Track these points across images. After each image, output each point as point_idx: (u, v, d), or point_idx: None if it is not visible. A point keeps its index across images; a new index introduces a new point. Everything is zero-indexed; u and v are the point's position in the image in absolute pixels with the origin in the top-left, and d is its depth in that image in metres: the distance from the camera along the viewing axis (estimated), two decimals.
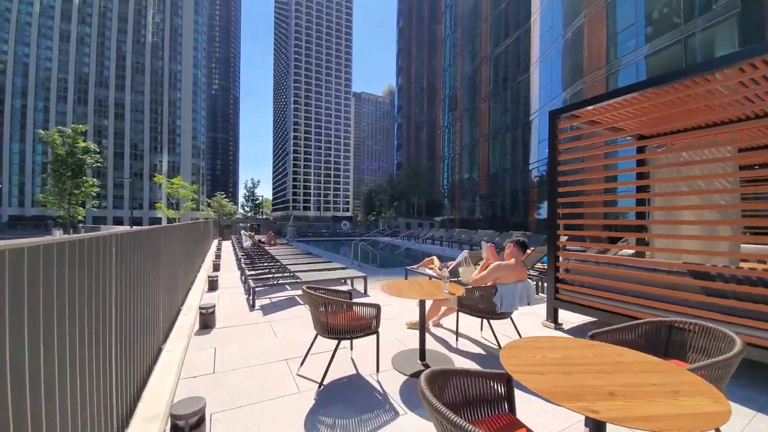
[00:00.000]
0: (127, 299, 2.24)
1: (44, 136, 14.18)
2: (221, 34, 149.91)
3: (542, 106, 19.49)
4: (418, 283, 3.37)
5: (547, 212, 4.31)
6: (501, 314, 3.24)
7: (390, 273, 8.36)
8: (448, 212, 34.39)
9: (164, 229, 3.61)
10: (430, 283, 3.37)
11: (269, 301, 5.39)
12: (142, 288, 2.64)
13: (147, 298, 2.80)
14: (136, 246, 2.43)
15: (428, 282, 3.47)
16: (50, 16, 65.52)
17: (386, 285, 3.23)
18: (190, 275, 6.16)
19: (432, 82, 41.47)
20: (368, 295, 5.86)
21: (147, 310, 2.79)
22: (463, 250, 5.68)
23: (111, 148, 72.12)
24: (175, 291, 4.41)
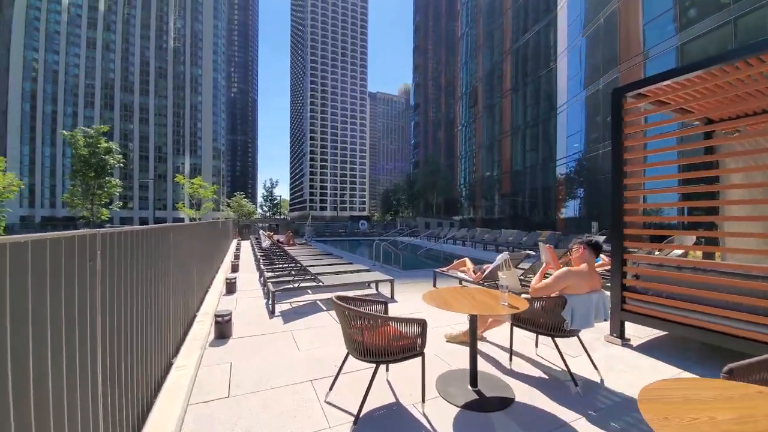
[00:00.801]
0: (124, 313, 1.82)
1: (68, 136, 14.45)
2: (239, 38, 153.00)
3: (570, 99, 18.47)
4: (469, 293, 2.83)
5: (612, 207, 3.68)
6: (570, 332, 2.67)
7: (415, 276, 7.84)
8: (467, 211, 33.47)
9: (175, 228, 3.21)
10: (484, 293, 2.83)
11: (290, 306, 4.98)
12: (145, 297, 2.22)
13: (152, 308, 2.39)
14: (133, 247, 2.01)
15: (481, 291, 2.92)
16: (77, 25, 68.29)
17: (429, 295, 2.72)
18: (206, 277, 5.83)
19: (450, 78, 40.60)
20: (395, 300, 5.37)
21: (152, 323, 2.38)
22: (502, 252, 5.09)
23: (136, 150, 74.62)
24: (190, 296, 4.04)
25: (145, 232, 2.26)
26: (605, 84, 15.78)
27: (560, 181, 19.54)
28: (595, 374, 2.87)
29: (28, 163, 63.57)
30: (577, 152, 18.17)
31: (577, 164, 18.10)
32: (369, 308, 2.75)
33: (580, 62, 17.92)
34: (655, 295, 3.48)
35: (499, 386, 2.62)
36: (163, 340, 2.74)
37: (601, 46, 16.22)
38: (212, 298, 5.26)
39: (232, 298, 5.46)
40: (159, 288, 2.62)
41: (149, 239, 2.36)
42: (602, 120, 16.02)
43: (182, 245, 3.64)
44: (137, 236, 2.05)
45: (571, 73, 18.62)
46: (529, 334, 3.53)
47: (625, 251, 3.65)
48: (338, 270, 6.55)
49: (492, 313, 2.37)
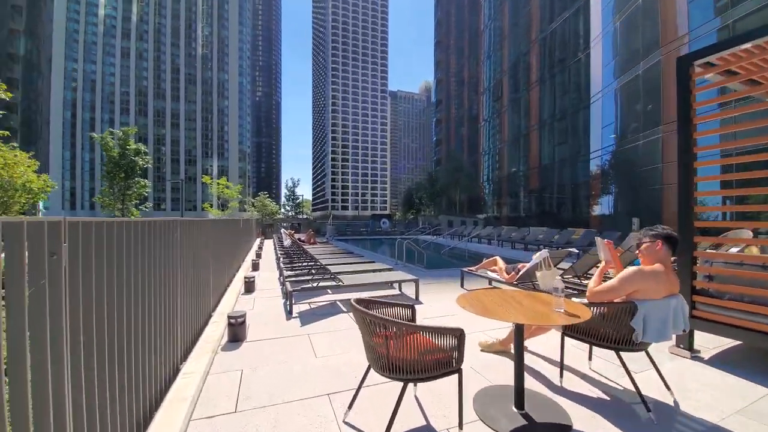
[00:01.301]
0: (103, 314, 1.55)
1: (98, 139, 15.06)
2: (263, 42, 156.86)
3: (606, 86, 17.28)
4: (512, 297, 2.41)
5: (678, 197, 3.12)
6: (640, 344, 2.20)
7: (440, 275, 7.40)
8: (491, 209, 32.39)
9: (184, 223, 2.98)
10: (532, 298, 2.39)
11: (308, 307, 4.70)
12: (139, 297, 1.97)
13: (151, 308, 2.14)
14: (118, 243, 1.74)
15: (526, 295, 2.48)
16: (112, 35, 72.17)
17: (465, 299, 2.33)
18: (225, 276, 5.67)
19: (472, 73, 39.51)
20: (420, 302, 4.98)
21: (152, 325, 2.13)
22: (539, 251, 4.58)
23: (168, 154, 78.10)
24: (204, 295, 3.83)
25: (137, 225, 2.00)
26: (644, 69, 14.60)
27: (594, 176, 18.32)
28: (666, 395, 2.38)
29: (69, 168, 67.92)
30: (613, 144, 16.99)
31: (614, 156, 16.90)
32: (393, 312, 2.38)
33: (616, 48, 16.72)
34: (733, 300, 2.91)
35: (551, 409, 2.18)
36: (169, 344, 2.50)
37: (640, 29, 15.03)
38: (230, 297, 5.08)
39: (250, 298, 5.26)
40: (161, 288, 2.38)
41: (145, 234, 2.10)
42: (642, 108, 14.83)
43: (194, 242, 3.43)
44: (119, 231, 1.77)
45: (606, 60, 17.41)
46: (579, 343, 3.05)
47: (695, 248, 3.09)
48: (359, 269, 6.24)
49: (546, 322, 1.95)
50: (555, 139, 22.29)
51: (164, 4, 77.33)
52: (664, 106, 13.55)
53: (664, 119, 13.46)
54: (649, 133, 14.30)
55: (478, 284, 6.13)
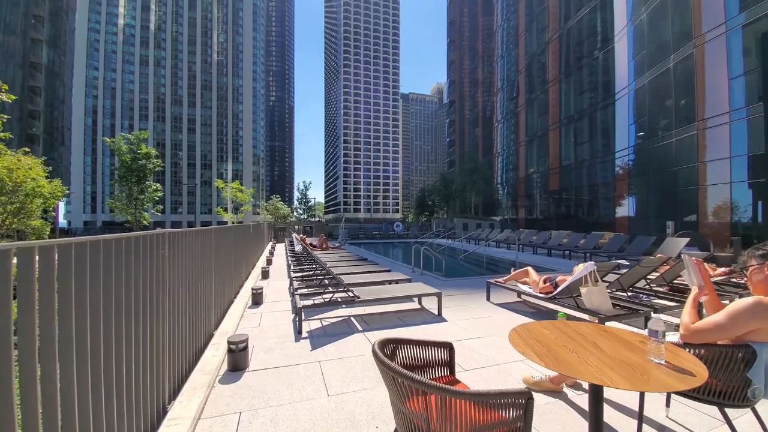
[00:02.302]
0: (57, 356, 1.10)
1: (111, 143, 15.13)
2: (277, 48, 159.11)
3: (632, 82, 16.35)
4: (580, 333, 1.85)
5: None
6: (751, 401, 1.63)
7: (461, 285, 6.84)
8: (506, 211, 31.44)
9: (174, 235, 2.55)
10: (611, 337, 1.82)
11: (319, 324, 4.23)
12: (106, 328, 1.52)
13: (123, 336, 1.70)
14: (78, 265, 1.30)
15: (600, 332, 1.90)
16: (131, 44, 74.26)
17: (520, 336, 1.81)
18: (231, 288, 5.27)
19: (486, 72, 38.69)
20: (444, 319, 4.44)
21: (129, 363, 1.69)
22: (588, 262, 3.99)
23: (185, 158, 79.77)
24: (203, 314, 3.41)
25: (109, 243, 1.56)
26: (677, 62, 13.67)
27: (619, 176, 17.32)
28: None
29: (90, 173, 69.99)
30: (641, 142, 16.02)
31: (641, 155, 15.91)
32: (426, 355, 1.86)
33: (643, 41, 15.78)
34: None
35: None
36: (152, 381, 2.06)
37: (669, 20, 14.11)
38: (235, 311, 4.66)
39: (257, 312, 4.83)
40: (141, 313, 1.95)
41: (120, 252, 1.66)
42: (674, 104, 13.88)
43: (189, 256, 3.01)
44: (89, 249, 1.34)
45: (633, 52, 16.47)
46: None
47: None
48: (375, 279, 5.75)
49: (649, 387, 1.38)
50: (576, 138, 21.31)
51: (181, 13, 79.22)
52: (698, 101, 12.62)
53: (699, 115, 12.53)
54: (682, 130, 13.36)
55: (507, 297, 5.55)
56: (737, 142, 11.16)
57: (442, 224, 27.27)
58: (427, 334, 3.89)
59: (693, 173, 12.66)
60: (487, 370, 2.93)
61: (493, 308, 5.02)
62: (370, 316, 4.58)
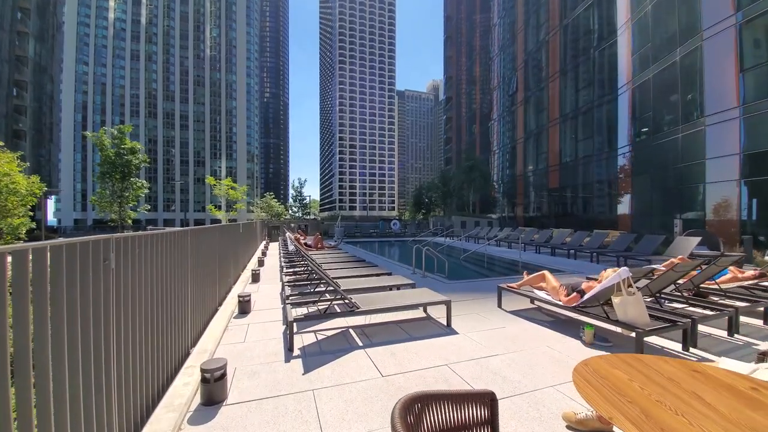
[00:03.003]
0: None
1: (92, 137, 14.36)
2: (271, 44, 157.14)
3: (635, 77, 15.94)
4: (674, 381, 1.33)
5: None
6: None
7: (467, 289, 6.35)
8: (505, 209, 31.05)
9: (121, 240, 2.02)
10: (720, 384, 1.31)
11: (314, 339, 3.72)
12: None
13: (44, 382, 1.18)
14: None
15: (709, 377, 1.39)
16: (122, 38, 72.62)
17: (590, 383, 1.30)
18: (215, 295, 4.73)
19: (484, 68, 38.20)
20: (455, 331, 3.95)
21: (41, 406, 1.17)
22: (621, 267, 3.50)
23: (177, 155, 78.47)
24: (173, 334, 2.88)
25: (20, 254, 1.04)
26: (682, 56, 13.27)
27: (623, 173, 16.92)
28: None
29: (80, 170, 68.49)
30: (645, 138, 15.64)
31: (646, 152, 15.53)
32: (462, 417, 1.34)
33: (647, 34, 15.36)
34: None
35: None
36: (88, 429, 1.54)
37: (676, 12, 13.70)
38: (218, 324, 4.12)
39: (244, 323, 4.30)
40: (73, 335, 1.43)
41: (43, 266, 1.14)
42: (680, 98, 13.49)
43: (155, 262, 2.47)
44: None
45: (637, 46, 16.05)
46: None
47: None
48: (375, 284, 5.24)
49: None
50: (577, 135, 20.88)
51: (173, 7, 77.63)
52: (707, 96, 12.24)
53: (707, 110, 12.15)
54: (688, 126, 12.98)
55: (519, 303, 5.07)
56: (748, 137, 10.80)
57: (439, 222, 26.83)
58: (437, 349, 3.39)
59: (700, 170, 12.30)
60: (514, 401, 2.44)
61: (506, 317, 4.54)
62: (371, 328, 4.08)
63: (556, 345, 3.54)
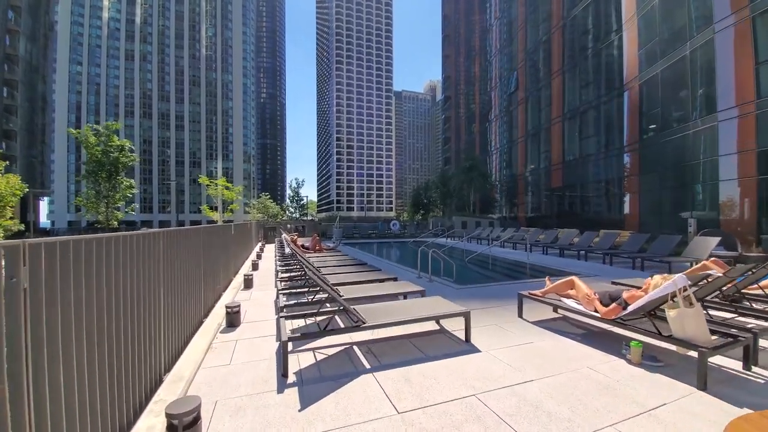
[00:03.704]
0: None
1: (77, 134, 13.68)
2: (267, 44, 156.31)
3: (643, 72, 15.50)
4: None
5: None
6: None
7: (480, 295, 5.82)
8: (506, 209, 30.58)
9: (32, 247, 1.47)
10: None
11: (312, 359, 3.17)
12: None
13: None
14: None
15: None
16: (116, 38, 71.70)
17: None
18: (193, 309, 4.16)
19: (484, 66, 37.79)
20: (476, 348, 3.41)
21: None
22: (677, 275, 2.97)
23: (173, 156, 77.59)
24: (135, 360, 2.32)
25: None
26: (694, 49, 12.82)
27: (629, 171, 16.45)
28: None
29: (74, 171, 67.40)
30: (653, 135, 15.18)
31: (654, 149, 15.07)
32: None
33: (655, 27, 14.93)
34: None
35: None
36: None
37: (686, 3, 13.26)
38: (200, 341, 3.56)
39: (231, 340, 3.74)
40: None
41: None
42: (690, 93, 13.05)
43: (105, 275, 1.92)
44: None
45: (644, 40, 15.61)
46: None
47: None
48: (381, 292, 4.69)
49: None
50: (581, 133, 20.43)
51: (168, 6, 76.79)
52: (720, 90, 11.80)
53: (720, 105, 11.70)
54: (700, 121, 12.53)
55: (542, 311, 4.54)
56: (764, 132, 10.35)
57: (440, 223, 26.31)
58: (460, 372, 2.85)
59: (714, 167, 11.85)
60: None
61: (530, 329, 4.01)
62: (378, 344, 3.53)
63: (598, 366, 3.01)
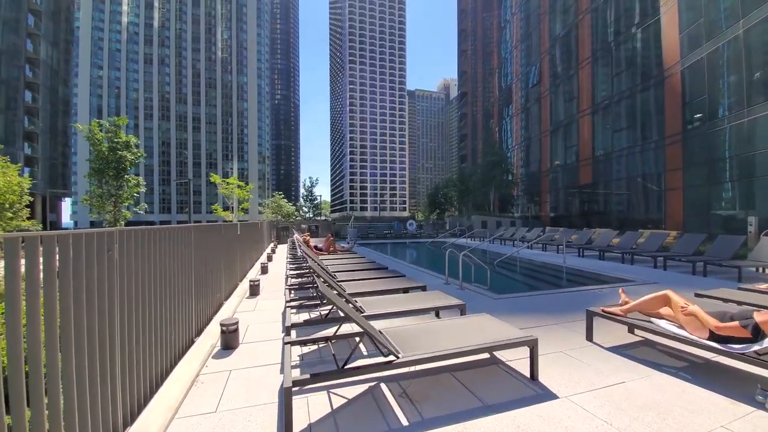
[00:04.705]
0: None
1: (82, 130, 13.34)
2: (282, 46, 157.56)
3: (686, 57, 14.08)
4: None
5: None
6: None
7: (527, 308, 4.87)
8: (528, 208, 29.14)
9: None
10: None
11: (327, 408, 2.32)
12: None
13: None
14: None
15: None
16: (135, 42, 73.28)
17: None
18: (182, 330, 3.38)
19: (503, 60, 36.38)
20: (550, 392, 2.50)
21: None
22: None
23: (190, 157, 78.83)
24: (78, 413, 1.51)
25: None
26: (747, 28, 11.44)
27: (671, 165, 14.98)
28: None
29: None
30: (701, 124, 13.76)
31: (701, 140, 13.66)
32: None
33: (699, 7, 13.52)
34: None
35: None
36: None
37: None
38: (183, 374, 2.76)
39: (224, 370, 2.93)
40: None
41: None
42: (746, 76, 11.64)
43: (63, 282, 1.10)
44: None
45: (685, 25, 14.21)
46: None
47: None
48: (410, 306, 3.79)
49: None
50: (614, 125, 18.96)
51: (185, 10, 77.99)
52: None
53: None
54: (758, 108, 11.14)
55: (614, 332, 3.57)
56: None
57: (458, 222, 25.22)
58: None
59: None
60: None
61: (611, 359, 3.06)
62: (415, 383, 2.65)
63: (735, 424, 2.06)
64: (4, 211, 9.92)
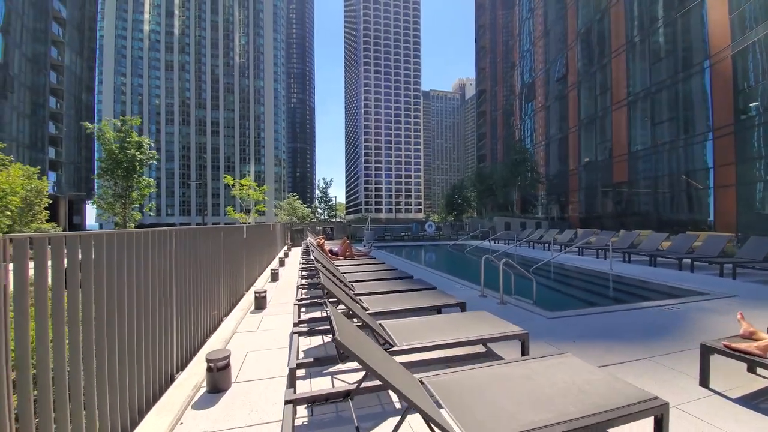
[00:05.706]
0: None
1: (92, 129, 13.10)
2: (297, 50, 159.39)
3: (738, 39, 12.62)
4: None
5: None
6: None
7: (595, 334, 3.90)
8: (554, 209, 27.55)
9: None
10: None
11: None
12: None
13: None
14: None
15: None
16: (157, 49, 75.31)
17: None
18: (161, 365, 2.60)
19: (524, 55, 34.92)
20: None
21: None
22: None
23: (209, 161, 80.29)
24: None
25: None
26: None
27: (722, 159, 13.44)
28: None
29: None
30: (756, 115, 12.27)
31: (757, 132, 12.16)
32: None
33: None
34: None
35: None
36: None
37: None
38: (159, 422, 1.97)
39: (203, 429, 2.13)
40: None
41: None
42: None
43: None
44: None
45: (732, 7, 12.75)
46: None
47: None
48: (454, 338, 2.89)
49: None
50: (652, 117, 17.39)
51: (203, 17, 79.68)
52: None
53: None
54: None
55: (730, 373, 2.59)
56: None
57: (478, 224, 24.04)
58: None
59: None
60: None
61: (747, 418, 2.09)
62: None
63: None
64: (24, 214, 9.68)
